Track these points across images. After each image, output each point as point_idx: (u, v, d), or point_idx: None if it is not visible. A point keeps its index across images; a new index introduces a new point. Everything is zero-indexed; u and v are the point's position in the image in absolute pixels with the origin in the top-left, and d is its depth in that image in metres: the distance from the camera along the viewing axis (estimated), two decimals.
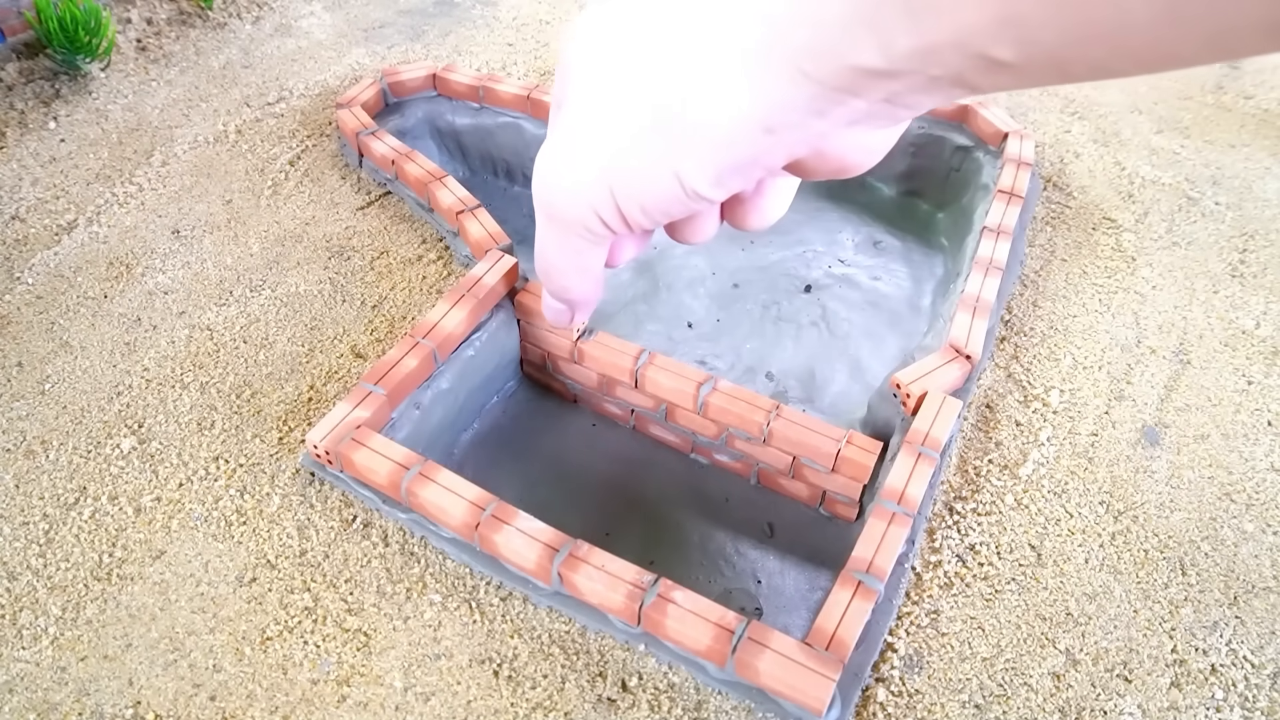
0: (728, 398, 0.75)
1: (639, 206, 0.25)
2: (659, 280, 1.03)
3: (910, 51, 0.19)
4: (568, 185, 0.26)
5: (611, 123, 0.24)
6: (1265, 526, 0.73)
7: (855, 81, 0.21)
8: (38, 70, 1.14)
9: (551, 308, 0.32)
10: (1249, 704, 0.62)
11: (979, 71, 0.19)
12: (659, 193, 0.25)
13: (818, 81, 0.21)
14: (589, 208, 0.26)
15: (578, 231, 0.27)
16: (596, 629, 0.63)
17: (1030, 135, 1.02)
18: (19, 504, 0.70)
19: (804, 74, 0.21)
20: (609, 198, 0.25)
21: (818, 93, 0.21)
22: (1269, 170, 1.10)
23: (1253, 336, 0.89)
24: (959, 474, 0.75)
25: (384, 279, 0.91)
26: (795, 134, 0.23)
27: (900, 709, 0.60)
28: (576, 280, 0.30)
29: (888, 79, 0.20)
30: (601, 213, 0.26)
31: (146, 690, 0.60)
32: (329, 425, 0.68)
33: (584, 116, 0.25)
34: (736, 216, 0.30)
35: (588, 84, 0.25)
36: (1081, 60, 0.18)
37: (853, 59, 0.20)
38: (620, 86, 0.24)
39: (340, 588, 0.65)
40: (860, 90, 0.21)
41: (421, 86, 1.10)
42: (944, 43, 0.19)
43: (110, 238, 0.95)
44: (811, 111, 0.22)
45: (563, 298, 0.31)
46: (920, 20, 0.19)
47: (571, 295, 0.31)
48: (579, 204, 0.26)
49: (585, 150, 0.25)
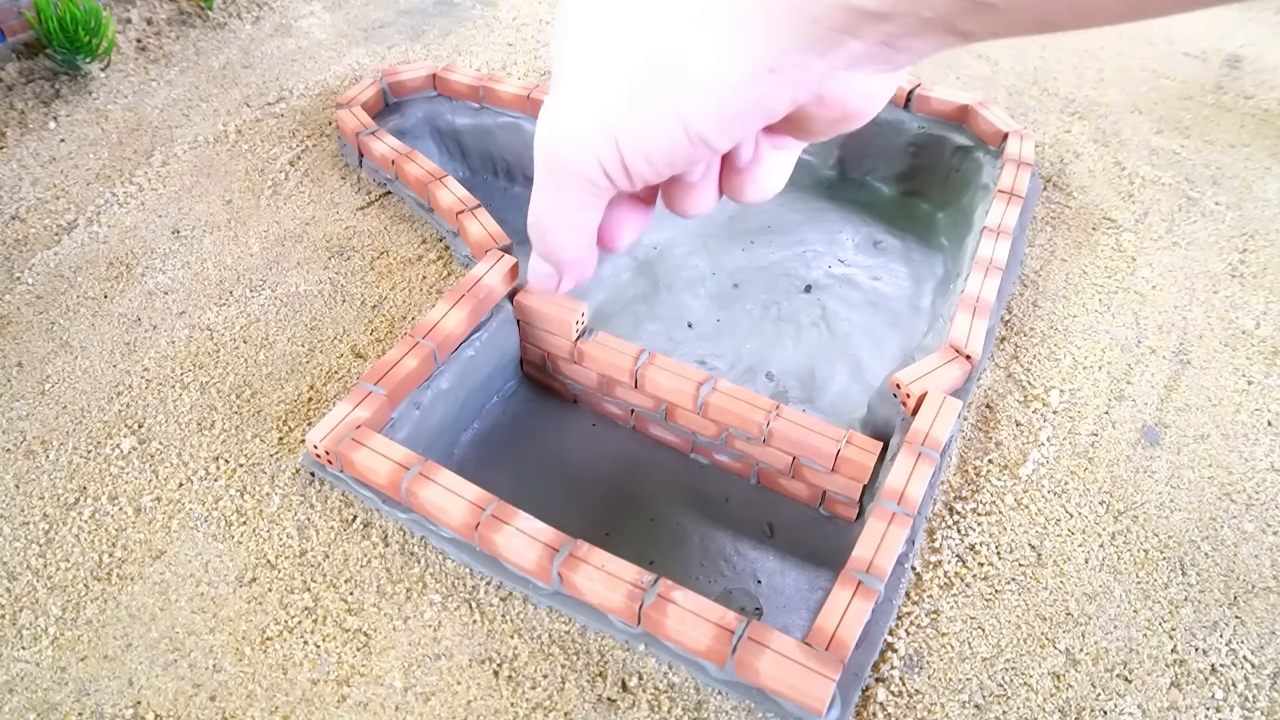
0: (728, 398, 0.75)
1: (643, 155, 0.26)
2: (659, 280, 1.03)
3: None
4: (570, 134, 0.26)
5: (613, 70, 0.25)
6: (1265, 526, 0.73)
7: (851, 22, 0.21)
8: (38, 70, 1.14)
9: (538, 272, 0.32)
10: (1249, 704, 0.62)
11: (966, 13, 0.20)
12: (663, 140, 0.25)
13: (814, 20, 0.22)
14: (592, 157, 0.26)
15: (578, 183, 0.27)
16: (596, 629, 0.63)
17: (1030, 135, 1.02)
18: (19, 504, 0.70)
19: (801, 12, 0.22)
20: (613, 146, 0.26)
21: (816, 33, 0.22)
22: (1269, 170, 1.10)
23: (1253, 336, 0.89)
24: (959, 474, 0.75)
25: (384, 279, 0.91)
26: (797, 74, 0.23)
27: (900, 709, 0.60)
28: (569, 239, 0.30)
29: (881, 20, 0.21)
30: (604, 162, 0.26)
31: (146, 690, 0.60)
32: (329, 425, 0.68)
33: (585, 66, 0.25)
34: (734, 188, 0.30)
35: (587, 35, 0.25)
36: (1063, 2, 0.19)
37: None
38: (620, 33, 0.24)
39: (340, 588, 0.65)
40: (857, 31, 0.22)
41: (421, 86, 1.10)
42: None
43: (110, 238, 0.95)
44: (811, 52, 0.22)
45: (553, 258, 0.31)
46: None
47: (562, 255, 0.31)
48: (582, 153, 0.26)
49: (588, 99, 0.25)
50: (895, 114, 1.09)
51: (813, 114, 0.26)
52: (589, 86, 0.25)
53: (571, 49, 0.26)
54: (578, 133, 0.26)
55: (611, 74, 0.25)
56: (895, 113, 1.09)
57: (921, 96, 1.07)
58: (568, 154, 0.27)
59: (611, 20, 0.25)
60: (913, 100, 1.08)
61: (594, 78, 0.25)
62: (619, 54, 0.25)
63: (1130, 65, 1.30)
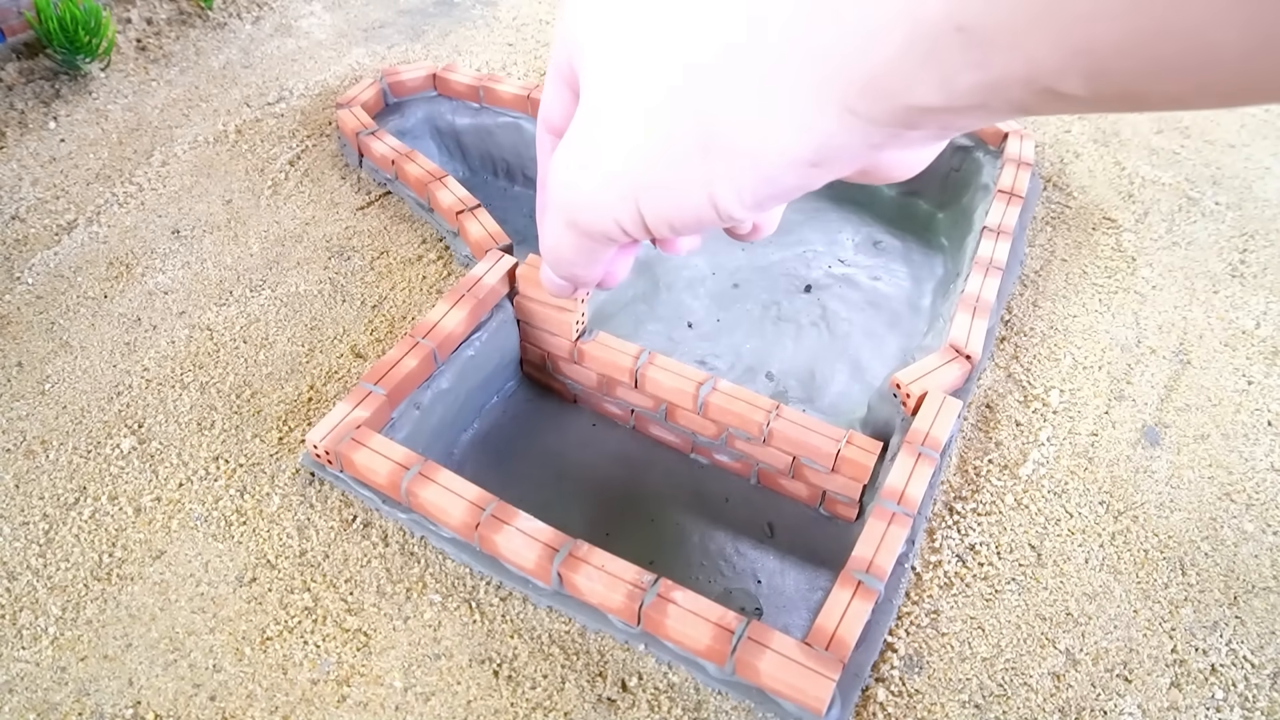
0: (727, 398, 0.75)
1: (667, 223, 0.24)
2: (659, 280, 1.03)
3: (972, 88, 0.18)
4: (590, 191, 0.24)
5: (642, 130, 0.22)
6: (1265, 526, 0.73)
7: (911, 118, 0.19)
8: (38, 70, 1.14)
9: (553, 281, 0.32)
10: (1249, 704, 0.62)
11: (1044, 102, 0.18)
12: (689, 211, 0.23)
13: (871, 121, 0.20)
14: (612, 219, 0.24)
15: (596, 238, 0.26)
16: (596, 629, 0.63)
17: (1030, 135, 1.02)
18: (19, 504, 0.70)
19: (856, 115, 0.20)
20: (634, 209, 0.24)
21: (872, 130, 0.20)
22: (1269, 170, 1.10)
23: (1253, 336, 0.89)
24: (959, 474, 0.75)
25: (384, 279, 0.91)
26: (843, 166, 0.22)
27: (900, 709, 0.60)
28: (586, 271, 0.29)
29: (945, 113, 0.19)
30: (625, 224, 0.24)
31: (146, 690, 0.60)
32: (329, 425, 0.68)
33: (611, 121, 0.23)
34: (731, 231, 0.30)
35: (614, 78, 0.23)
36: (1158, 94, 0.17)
37: (910, 99, 0.19)
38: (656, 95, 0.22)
39: (340, 588, 0.65)
40: (916, 124, 0.20)
41: (421, 86, 1.10)
42: (1010, 79, 0.17)
43: (110, 238, 0.95)
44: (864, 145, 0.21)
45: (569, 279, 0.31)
46: (986, 55, 0.17)
47: (579, 281, 0.30)
48: (601, 214, 0.25)
49: (611, 156, 0.23)
50: None
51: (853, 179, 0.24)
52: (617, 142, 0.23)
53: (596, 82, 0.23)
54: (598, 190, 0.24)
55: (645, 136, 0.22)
56: None
57: None
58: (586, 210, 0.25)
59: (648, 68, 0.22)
60: None
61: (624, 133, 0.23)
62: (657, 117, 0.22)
63: None
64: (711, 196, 0.22)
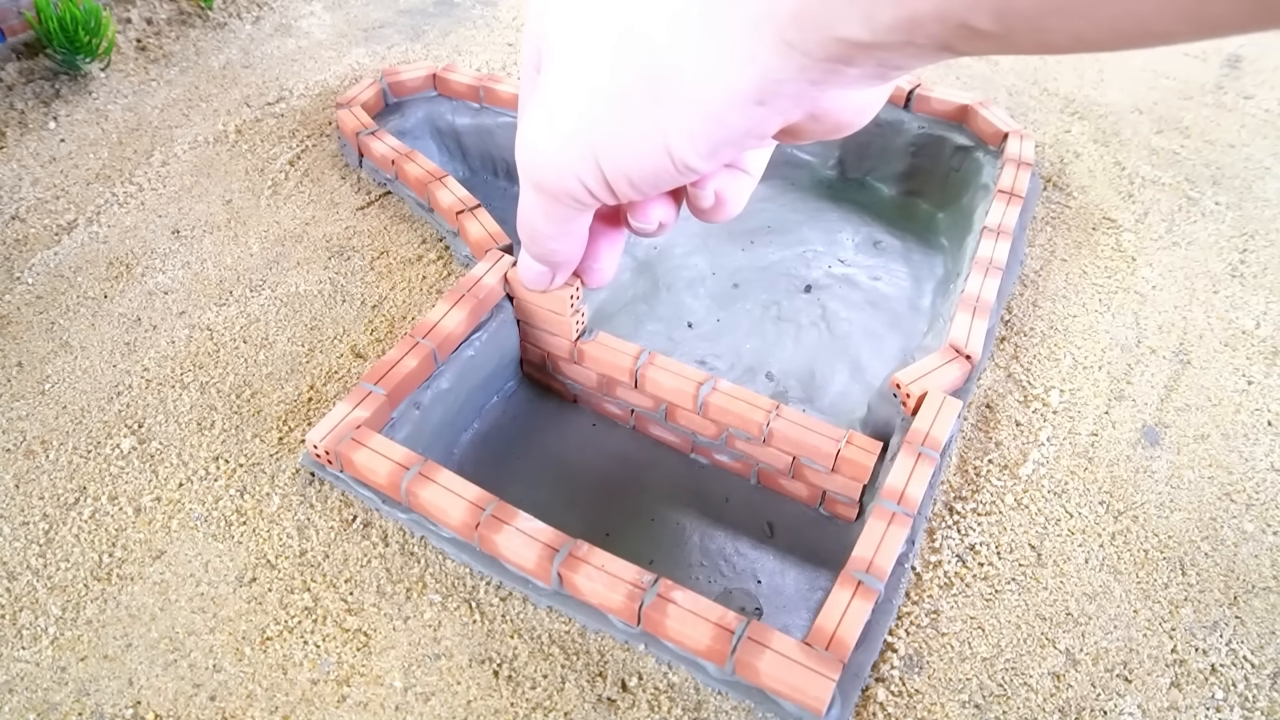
0: (728, 398, 0.75)
1: (626, 178, 0.25)
2: (659, 280, 1.03)
3: (893, 23, 0.19)
4: (552, 154, 0.26)
5: (596, 91, 0.24)
6: (1265, 526, 0.73)
7: (844, 52, 0.21)
8: (38, 70, 1.14)
9: (532, 269, 0.32)
10: (1249, 704, 0.62)
11: (962, 39, 0.20)
12: (647, 165, 0.24)
13: (805, 53, 0.21)
14: (574, 177, 0.26)
15: (563, 200, 0.27)
16: (596, 629, 0.63)
17: (1030, 135, 1.02)
18: (19, 504, 0.70)
19: (792, 46, 0.21)
20: (595, 168, 0.25)
21: (808, 64, 0.21)
22: (1269, 170, 1.10)
23: (1253, 336, 0.89)
24: (959, 474, 0.75)
25: (384, 279, 0.91)
26: (788, 102, 0.23)
27: (900, 709, 0.60)
28: (562, 244, 0.30)
29: (874, 49, 0.21)
30: (587, 182, 0.25)
31: (146, 690, 0.60)
32: (329, 425, 0.68)
33: (567, 83, 0.24)
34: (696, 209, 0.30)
35: (568, 47, 0.24)
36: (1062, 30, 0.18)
37: (839, 31, 0.20)
38: (604, 52, 0.23)
39: (340, 588, 0.65)
40: (850, 60, 0.21)
41: (421, 86, 1.10)
42: (925, 14, 0.19)
43: (110, 238, 0.95)
44: (805, 81, 0.22)
45: (547, 260, 0.31)
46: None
47: (556, 258, 0.31)
48: (564, 173, 0.26)
49: (569, 119, 0.25)
50: (895, 114, 1.09)
51: (805, 128, 0.25)
52: (574, 106, 0.24)
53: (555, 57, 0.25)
54: (558, 153, 0.25)
55: (599, 96, 0.24)
56: (895, 113, 1.09)
57: (921, 96, 1.07)
58: (550, 174, 0.26)
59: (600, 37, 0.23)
60: (912, 100, 1.08)
61: (580, 97, 0.24)
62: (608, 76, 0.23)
63: (1130, 65, 1.30)
64: (666, 144, 0.24)
